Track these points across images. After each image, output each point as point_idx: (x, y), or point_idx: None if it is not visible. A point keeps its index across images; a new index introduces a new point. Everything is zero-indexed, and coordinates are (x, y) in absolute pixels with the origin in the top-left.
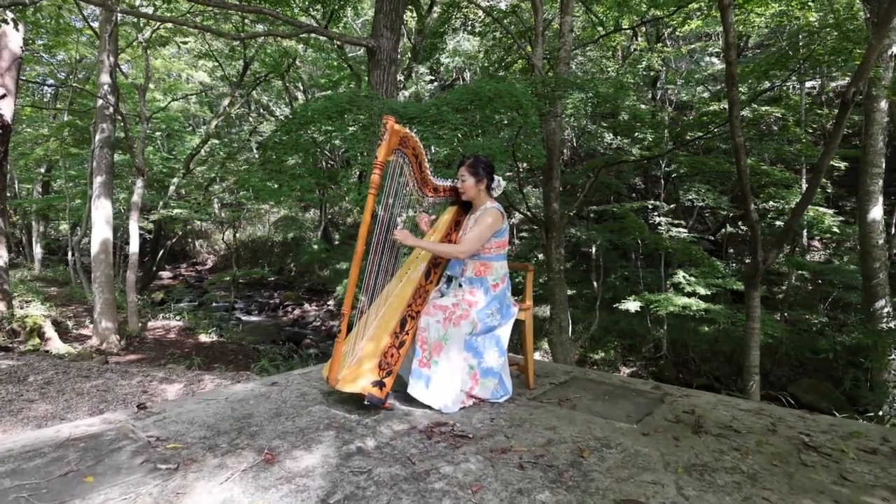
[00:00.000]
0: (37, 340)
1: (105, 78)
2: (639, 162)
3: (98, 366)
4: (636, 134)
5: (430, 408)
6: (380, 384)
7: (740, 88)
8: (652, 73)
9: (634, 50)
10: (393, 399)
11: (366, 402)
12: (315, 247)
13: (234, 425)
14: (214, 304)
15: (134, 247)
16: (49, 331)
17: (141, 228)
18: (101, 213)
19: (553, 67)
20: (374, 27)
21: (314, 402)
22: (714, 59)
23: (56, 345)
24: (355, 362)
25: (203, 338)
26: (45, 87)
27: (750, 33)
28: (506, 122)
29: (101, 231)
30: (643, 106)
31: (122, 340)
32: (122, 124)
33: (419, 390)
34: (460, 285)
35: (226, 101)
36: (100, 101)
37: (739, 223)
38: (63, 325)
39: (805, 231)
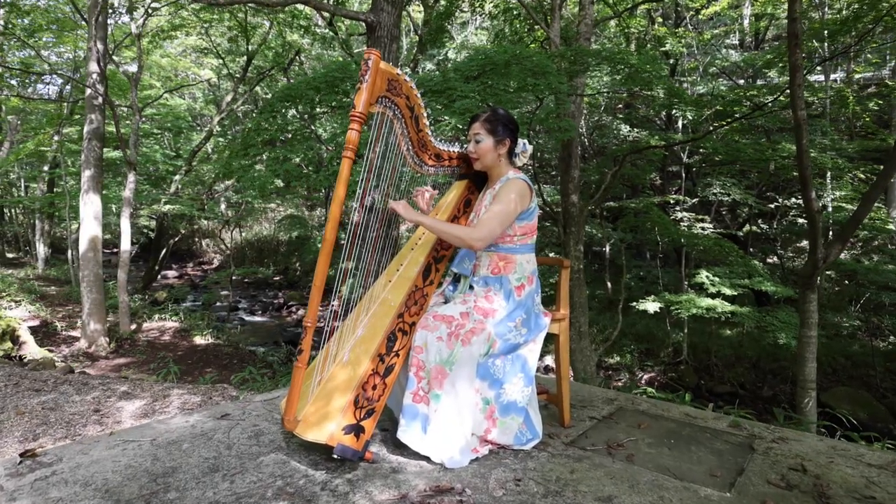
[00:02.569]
0: (9, 344)
1: (93, 66)
2: (670, 146)
3: (59, 376)
4: (674, 112)
5: (428, 460)
6: (356, 430)
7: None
8: (671, 62)
9: (652, 36)
10: (378, 443)
11: (335, 456)
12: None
13: (147, 488)
14: (218, 304)
15: (125, 245)
16: (24, 334)
17: (145, 227)
18: (90, 208)
19: (571, 45)
20: (373, 0)
21: (269, 449)
22: (731, 52)
23: (31, 349)
24: (322, 396)
25: (198, 340)
26: (51, 84)
27: (768, 24)
28: (527, 89)
29: (89, 228)
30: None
31: (112, 343)
32: (117, 116)
33: (414, 436)
34: (472, 287)
35: (228, 97)
36: (88, 91)
37: (759, 221)
38: (52, 327)
39: (830, 229)
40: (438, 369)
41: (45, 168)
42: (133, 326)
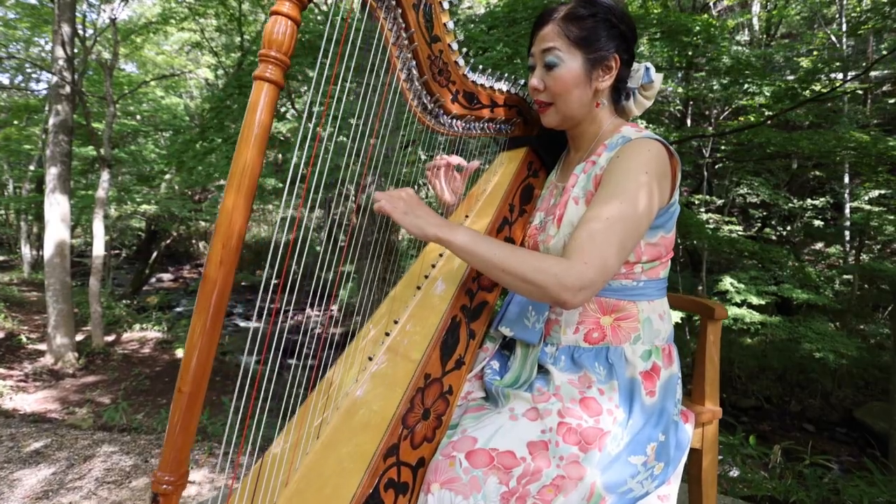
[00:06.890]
0: None
1: (59, 51)
2: (727, 134)
3: None
4: (746, 87)
5: None
6: None
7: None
8: (689, 53)
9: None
10: None
11: None
12: (318, 248)
13: None
14: None
15: (98, 250)
16: None
17: (138, 229)
18: (56, 210)
19: None
20: None
21: None
22: (745, 49)
23: None
24: None
25: (181, 353)
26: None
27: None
28: None
29: (55, 231)
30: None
31: (82, 358)
32: (87, 108)
33: None
34: (542, 368)
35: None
36: (54, 79)
37: (773, 222)
38: (17, 340)
39: (848, 231)
40: None
41: (31, 167)
42: (111, 338)
